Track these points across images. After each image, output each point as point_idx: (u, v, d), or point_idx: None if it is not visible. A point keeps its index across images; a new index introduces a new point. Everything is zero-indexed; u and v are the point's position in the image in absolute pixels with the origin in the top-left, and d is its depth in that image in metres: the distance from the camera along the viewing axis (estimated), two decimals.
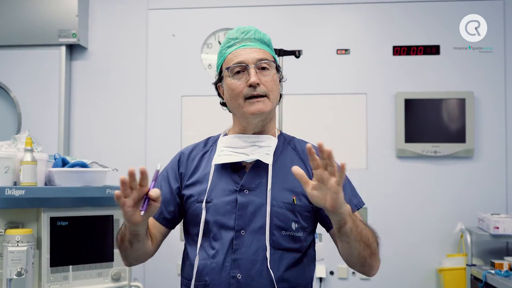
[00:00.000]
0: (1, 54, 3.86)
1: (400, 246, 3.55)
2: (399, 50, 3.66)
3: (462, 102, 3.56)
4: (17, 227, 2.27)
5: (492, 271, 3.00)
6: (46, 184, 2.51)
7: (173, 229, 1.71)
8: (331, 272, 3.61)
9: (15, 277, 2.13)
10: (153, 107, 3.85)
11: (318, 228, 1.69)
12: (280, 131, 1.75)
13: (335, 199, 1.30)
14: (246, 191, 1.58)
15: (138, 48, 3.89)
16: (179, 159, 1.72)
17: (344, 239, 1.41)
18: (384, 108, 3.67)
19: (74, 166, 2.50)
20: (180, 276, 1.71)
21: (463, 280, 3.28)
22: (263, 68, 1.59)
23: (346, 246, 1.44)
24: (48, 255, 2.31)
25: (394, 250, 3.51)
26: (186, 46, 3.82)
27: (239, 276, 1.52)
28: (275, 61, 1.65)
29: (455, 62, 3.62)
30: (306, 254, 1.62)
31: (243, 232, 1.55)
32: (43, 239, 2.30)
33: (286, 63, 3.06)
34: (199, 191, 1.62)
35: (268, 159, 1.59)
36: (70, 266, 2.38)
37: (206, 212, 1.58)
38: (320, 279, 3.58)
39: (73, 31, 3.74)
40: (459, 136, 3.55)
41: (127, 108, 3.88)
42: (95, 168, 2.63)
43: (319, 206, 1.35)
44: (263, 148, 1.62)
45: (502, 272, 2.94)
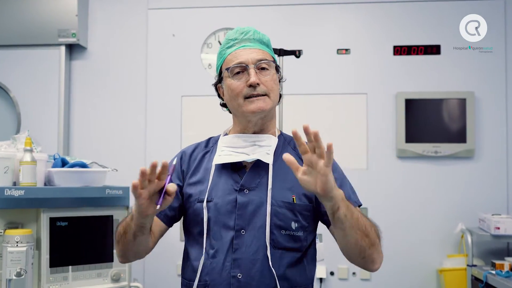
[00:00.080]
0: (0, 54, 3.85)
1: (400, 246, 3.55)
2: (399, 50, 3.65)
3: (462, 102, 3.55)
4: (16, 228, 2.27)
5: (493, 272, 3.00)
6: (45, 184, 2.52)
7: (171, 227, 1.70)
8: (332, 273, 3.60)
9: (14, 277, 2.12)
10: (153, 107, 3.84)
11: (318, 228, 1.69)
12: (281, 131, 1.76)
13: (325, 182, 1.28)
14: (246, 191, 1.58)
15: (138, 48, 3.89)
16: (181, 157, 1.73)
17: (339, 225, 1.38)
18: (385, 108, 3.66)
19: (73, 166, 2.50)
20: (180, 276, 1.71)
21: (464, 280, 3.28)
22: (263, 68, 1.60)
23: (342, 234, 1.41)
24: (48, 256, 2.31)
25: (394, 251, 3.50)
26: (186, 46, 3.82)
27: (240, 275, 1.52)
28: (274, 61, 1.65)
29: (455, 62, 3.62)
30: (307, 254, 1.61)
31: (243, 232, 1.55)
32: (42, 239, 2.30)
33: (286, 63, 3.06)
34: (199, 190, 1.62)
35: (269, 159, 1.59)
36: (70, 267, 2.38)
37: (207, 211, 1.58)
38: (321, 279, 3.58)
39: (72, 31, 3.74)
40: (459, 136, 3.54)
41: (127, 108, 3.87)
42: (94, 168, 2.64)
43: (310, 192, 1.34)
44: (263, 148, 1.62)
45: (503, 273, 2.94)
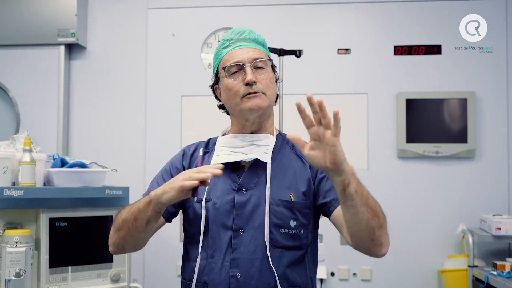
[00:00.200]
0: None
1: (401, 247, 3.53)
2: (400, 50, 3.65)
3: (463, 102, 3.54)
4: (15, 228, 2.27)
5: (494, 272, 2.99)
6: (45, 184, 2.52)
7: (169, 222, 1.69)
8: (332, 273, 3.58)
9: (13, 278, 2.12)
10: (152, 107, 3.83)
11: (319, 229, 1.68)
12: (279, 131, 1.76)
13: (334, 152, 1.23)
14: (245, 190, 1.58)
15: (138, 47, 3.88)
16: (183, 154, 1.73)
17: (350, 203, 1.32)
18: (385, 108, 3.65)
19: (73, 166, 2.50)
20: (180, 277, 1.70)
21: (465, 281, 3.27)
22: (259, 67, 1.61)
23: (353, 212, 1.34)
24: (47, 256, 2.31)
25: (395, 251, 3.43)
26: (186, 45, 3.81)
27: (238, 275, 1.52)
28: (270, 59, 1.66)
29: (456, 62, 3.61)
30: (307, 253, 1.61)
31: (241, 232, 1.55)
32: (41, 239, 2.30)
33: (286, 63, 3.05)
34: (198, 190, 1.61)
35: (267, 158, 1.59)
36: (69, 267, 2.38)
37: (206, 211, 1.58)
38: (321, 280, 3.56)
39: (72, 31, 3.73)
40: (460, 136, 3.53)
41: (126, 108, 3.86)
42: (94, 168, 2.64)
43: (318, 167, 1.29)
44: (261, 147, 1.62)
45: (504, 273, 2.93)
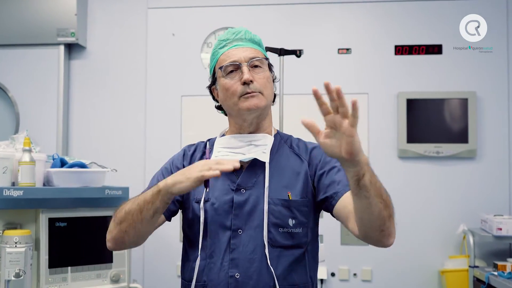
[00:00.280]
0: None
1: (402, 247, 3.51)
2: (401, 50, 3.64)
3: (464, 102, 3.54)
4: (15, 228, 2.26)
5: (495, 273, 2.99)
6: (44, 184, 2.51)
7: (169, 221, 1.68)
8: (332, 274, 3.57)
9: (13, 278, 2.12)
10: (152, 107, 3.82)
11: (319, 229, 1.67)
12: (277, 130, 1.76)
13: (351, 143, 1.17)
14: (243, 190, 1.58)
15: (138, 47, 3.87)
16: (183, 154, 1.73)
17: (364, 194, 1.26)
18: (386, 108, 3.64)
19: (72, 166, 2.50)
20: (180, 277, 1.70)
21: (466, 281, 3.27)
22: (256, 66, 1.61)
23: (366, 203, 1.28)
24: (47, 256, 2.31)
25: (395, 252, 3.46)
26: (186, 45, 3.80)
27: (237, 275, 1.52)
28: (267, 58, 1.66)
29: (457, 61, 3.60)
30: (307, 252, 1.60)
31: (240, 232, 1.55)
32: (41, 240, 2.30)
33: (287, 63, 3.04)
34: (197, 191, 1.62)
35: (265, 158, 1.60)
36: (69, 267, 2.37)
37: (204, 211, 1.58)
38: (321, 280, 3.55)
39: (71, 30, 3.72)
40: (461, 136, 3.53)
41: (126, 108, 3.86)
42: (94, 168, 2.64)
43: (332, 156, 1.23)
44: (259, 147, 1.63)
45: (505, 274, 2.92)
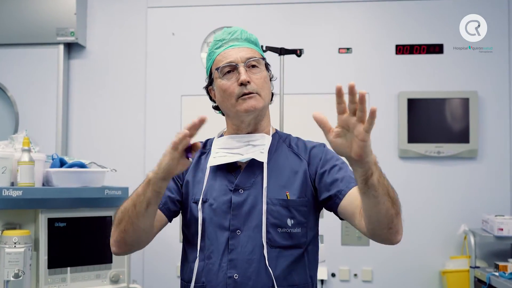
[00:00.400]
0: None
1: (402, 247, 3.42)
2: (402, 49, 3.63)
3: (465, 102, 3.53)
4: (14, 228, 2.26)
5: (496, 273, 2.99)
6: (43, 184, 2.51)
7: (170, 222, 1.68)
8: (333, 274, 3.56)
9: (12, 279, 2.12)
10: (152, 107, 3.81)
11: (320, 229, 1.66)
12: (276, 130, 1.75)
13: (363, 147, 1.18)
14: (241, 191, 1.58)
15: (137, 47, 3.86)
16: None
17: (372, 193, 1.27)
18: (387, 108, 3.63)
19: (72, 166, 2.50)
20: (179, 278, 1.69)
21: (467, 282, 3.26)
22: (253, 66, 1.60)
23: (374, 202, 1.29)
24: (46, 257, 2.30)
25: (396, 252, 3.48)
26: (186, 44, 3.79)
27: (236, 276, 1.51)
28: (264, 58, 1.65)
29: (458, 61, 3.59)
30: (307, 252, 1.59)
31: (238, 232, 1.54)
32: (40, 240, 2.29)
33: (287, 62, 3.03)
34: (195, 191, 1.62)
35: (263, 158, 1.58)
36: (68, 268, 2.37)
37: (202, 212, 1.57)
38: (322, 281, 3.54)
39: (71, 30, 3.72)
40: (462, 136, 3.52)
41: (126, 108, 3.85)
42: (93, 168, 2.64)
43: (341, 155, 1.24)
44: (257, 147, 1.61)
45: (506, 274, 2.93)
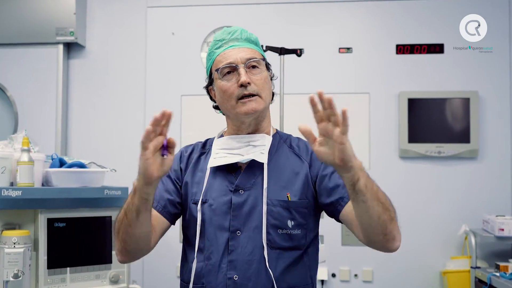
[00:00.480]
0: None
1: (403, 248, 3.41)
2: (402, 49, 3.62)
3: (466, 102, 3.52)
4: (13, 229, 2.25)
5: (497, 274, 2.98)
6: (43, 184, 2.50)
7: (173, 224, 1.67)
8: (333, 275, 3.56)
9: (11, 279, 2.11)
10: (152, 107, 3.81)
11: (319, 229, 1.66)
12: (276, 130, 1.74)
13: (343, 150, 1.22)
14: (241, 191, 1.57)
15: (137, 46, 3.86)
16: (180, 155, 1.71)
17: (361, 198, 1.30)
18: (387, 108, 3.63)
19: (71, 166, 2.49)
20: (179, 278, 1.69)
21: (468, 282, 3.26)
22: (253, 67, 1.59)
23: (364, 207, 1.32)
24: (45, 257, 2.29)
25: (397, 252, 3.40)
26: (185, 44, 3.79)
27: (236, 277, 1.51)
28: (264, 59, 1.64)
29: (459, 61, 3.58)
30: (307, 253, 1.59)
31: (238, 233, 1.54)
32: (40, 240, 2.28)
33: (287, 62, 3.03)
34: (194, 192, 1.62)
35: (263, 158, 1.57)
36: (68, 268, 2.36)
37: (202, 213, 1.57)
38: (322, 281, 3.53)
39: (70, 29, 3.71)
40: (463, 136, 3.51)
41: (125, 108, 3.84)
42: (93, 168, 2.63)
43: (326, 163, 1.28)
44: (257, 148, 1.61)
45: (507, 275, 2.92)
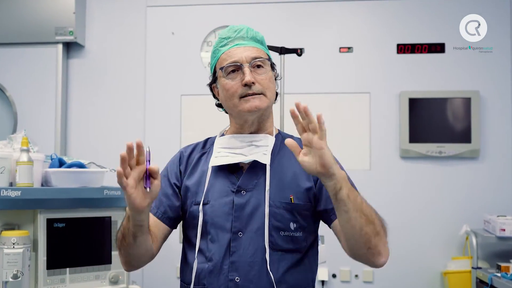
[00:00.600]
0: None
1: (404, 248, 3.51)
2: (403, 48, 3.62)
3: (467, 102, 3.52)
4: (13, 229, 2.25)
5: (498, 274, 2.98)
6: (42, 185, 2.49)
7: (175, 228, 1.67)
8: (334, 275, 3.56)
9: (11, 279, 2.10)
10: (152, 107, 3.80)
11: (320, 230, 1.65)
12: (279, 130, 1.73)
13: (322, 155, 1.28)
14: (243, 192, 1.56)
15: (137, 46, 3.85)
16: (179, 157, 1.71)
17: (343, 208, 1.34)
18: (388, 108, 3.62)
19: (71, 166, 2.49)
20: (179, 279, 1.68)
21: (469, 283, 3.26)
22: (258, 66, 1.58)
23: (346, 218, 1.36)
24: (45, 257, 2.29)
25: (398, 253, 3.44)
26: (185, 44, 3.78)
27: (237, 279, 1.50)
28: (269, 58, 1.63)
29: (460, 60, 3.58)
30: (307, 255, 1.58)
31: (240, 234, 1.52)
32: (39, 241, 2.28)
33: (287, 62, 3.02)
34: (196, 192, 1.60)
35: (266, 159, 1.56)
36: (67, 269, 2.35)
37: (203, 214, 1.56)
38: (322, 282, 3.53)
39: (70, 29, 3.70)
40: (464, 136, 3.51)
41: (125, 108, 3.84)
42: (92, 168, 2.63)
43: (310, 173, 1.33)
44: (260, 148, 1.60)
45: (508, 275, 2.91)
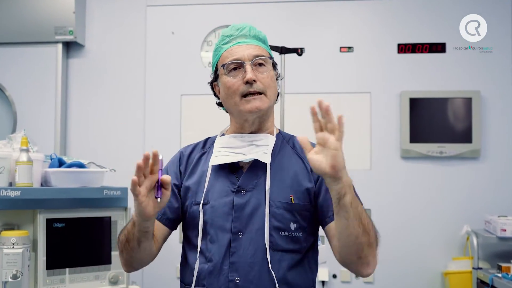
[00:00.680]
0: None
1: (404, 248, 3.51)
2: (404, 48, 3.61)
3: (468, 102, 3.51)
4: (12, 229, 2.25)
5: (499, 275, 2.97)
6: (42, 185, 2.50)
7: (175, 229, 1.67)
8: (334, 275, 3.55)
9: (10, 280, 2.10)
10: (151, 106, 3.80)
11: (320, 230, 1.65)
12: (279, 130, 1.73)
13: (335, 157, 1.24)
14: (244, 192, 1.55)
15: (137, 46, 3.84)
16: (179, 157, 1.70)
17: (343, 214, 1.32)
18: (389, 108, 3.62)
19: (71, 166, 2.49)
20: (179, 279, 1.67)
21: (469, 283, 3.25)
22: (260, 65, 1.57)
23: (345, 224, 1.34)
24: (44, 258, 2.29)
25: (398, 253, 3.47)
26: (185, 43, 3.78)
27: (238, 279, 1.49)
28: (271, 57, 1.63)
29: (461, 60, 3.57)
30: (307, 256, 1.58)
31: (240, 234, 1.52)
32: (39, 241, 2.28)
33: (288, 61, 3.01)
34: (196, 192, 1.60)
35: (266, 158, 1.56)
36: (67, 269, 2.36)
37: (203, 214, 1.55)
38: (323, 282, 3.53)
39: (69, 28, 3.70)
40: (465, 136, 3.50)
41: (125, 107, 3.83)
42: (92, 168, 2.63)
43: (318, 172, 1.28)
44: (260, 147, 1.59)
45: (509, 276, 2.91)
